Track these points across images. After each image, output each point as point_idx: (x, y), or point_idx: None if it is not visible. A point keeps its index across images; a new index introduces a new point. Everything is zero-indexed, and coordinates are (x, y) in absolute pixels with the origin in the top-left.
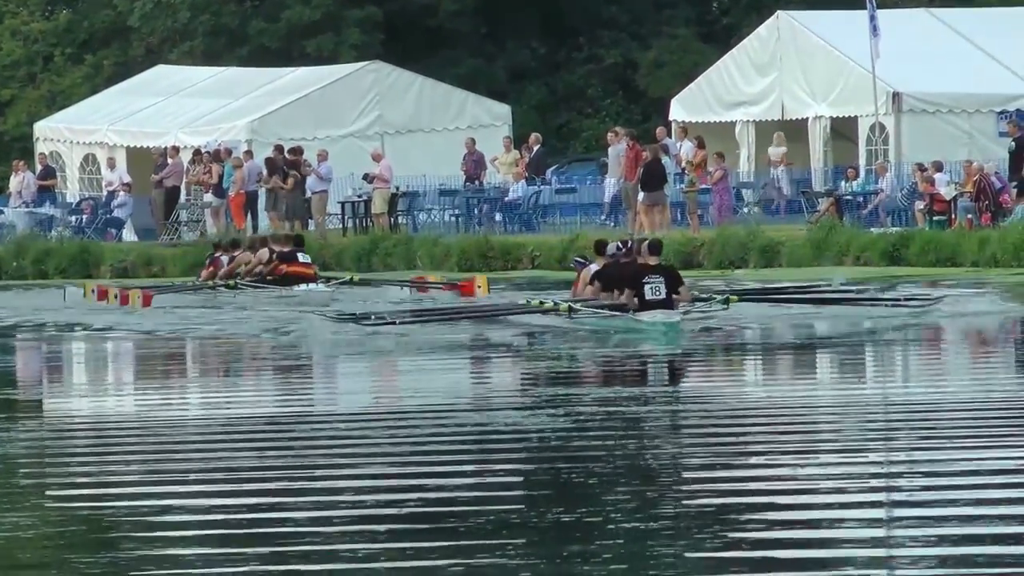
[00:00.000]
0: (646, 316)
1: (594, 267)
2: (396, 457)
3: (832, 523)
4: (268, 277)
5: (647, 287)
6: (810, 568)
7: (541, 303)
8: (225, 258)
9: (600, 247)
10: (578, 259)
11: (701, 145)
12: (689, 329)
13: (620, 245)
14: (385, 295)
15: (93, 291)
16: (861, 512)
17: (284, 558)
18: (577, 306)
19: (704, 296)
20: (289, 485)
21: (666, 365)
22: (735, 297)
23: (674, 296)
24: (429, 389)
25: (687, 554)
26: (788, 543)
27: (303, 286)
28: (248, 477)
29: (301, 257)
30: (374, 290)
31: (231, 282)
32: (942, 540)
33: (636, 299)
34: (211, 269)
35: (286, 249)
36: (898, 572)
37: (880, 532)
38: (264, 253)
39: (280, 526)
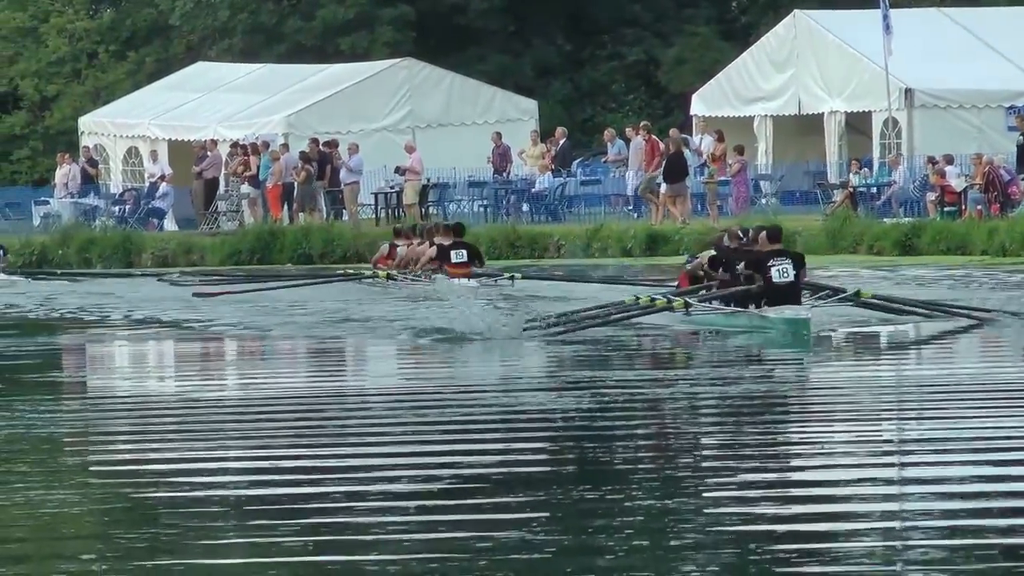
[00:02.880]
0: (772, 312)
1: (707, 254)
2: (427, 435)
3: (849, 499)
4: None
5: (774, 269)
6: (827, 548)
7: (652, 300)
8: (401, 246)
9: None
10: (692, 256)
11: (721, 139)
12: (819, 327)
13: (740, 234)
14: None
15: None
16: (877, 488)
17: (318, 533)
18: (693, 301)
19: (832, 291)
20: (324, 461)
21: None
22: (867, 292)
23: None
24: (465, 373)
25: (708, 530)
26: (806, 523)
27: (453, 280)
28: (284, 455)
29: (455, 256)
30: (530, 286)
31: (383, 273)
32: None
33: (762, 281)
34: (389, 258)
35: (446, 243)
36: (910, 544)
37: (894, 506)
38: (432, 251)
39: (316, 501)
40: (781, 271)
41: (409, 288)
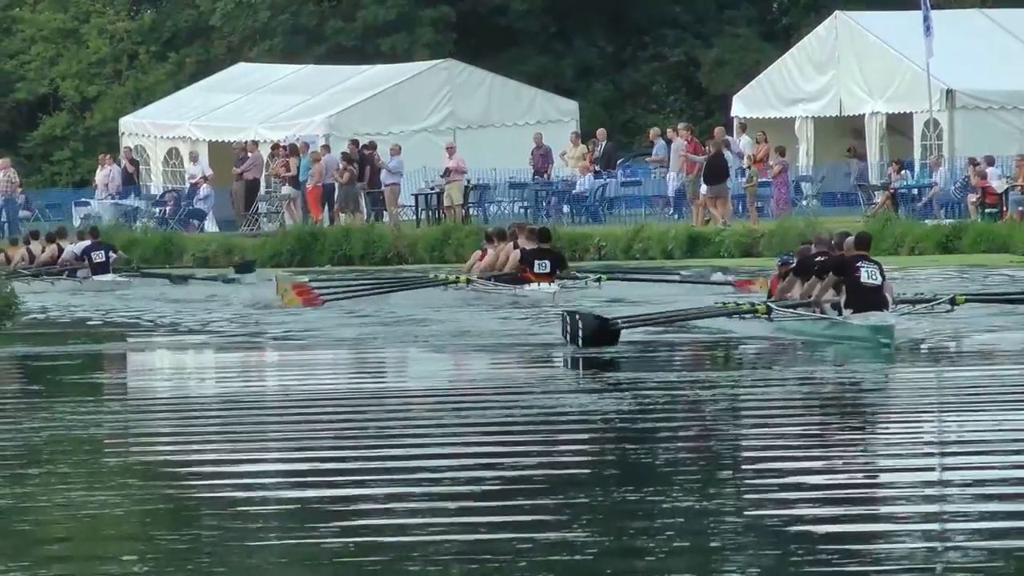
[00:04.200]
0: (857, 319)
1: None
2: (468, 437)
3: (891, 500)
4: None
5: (863, 271)
6: (868, 549)
7: (737, 304)
8: (491, 250)
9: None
10: (784, 256)
11: (765, 139)
12: (904, 335)
13: (829, 240)
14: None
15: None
16: (919, 489)
17: (359, 534)
18: (775, 306)
19: (927, 296)
20: (365, 463)
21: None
22: (962, 297)
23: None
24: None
25: (749, 531)
26: (848, 524)
27: (534, 285)
28: (326, 455)
29: (538, 267)
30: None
31: (462, 277)
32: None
33: (846, 286)
34: (481, 261)
35: (530, 247)
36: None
37: (936, 507)
38: (516, 254)
39: (357, 502)
40: (869, 273)
41: (494, 295)
